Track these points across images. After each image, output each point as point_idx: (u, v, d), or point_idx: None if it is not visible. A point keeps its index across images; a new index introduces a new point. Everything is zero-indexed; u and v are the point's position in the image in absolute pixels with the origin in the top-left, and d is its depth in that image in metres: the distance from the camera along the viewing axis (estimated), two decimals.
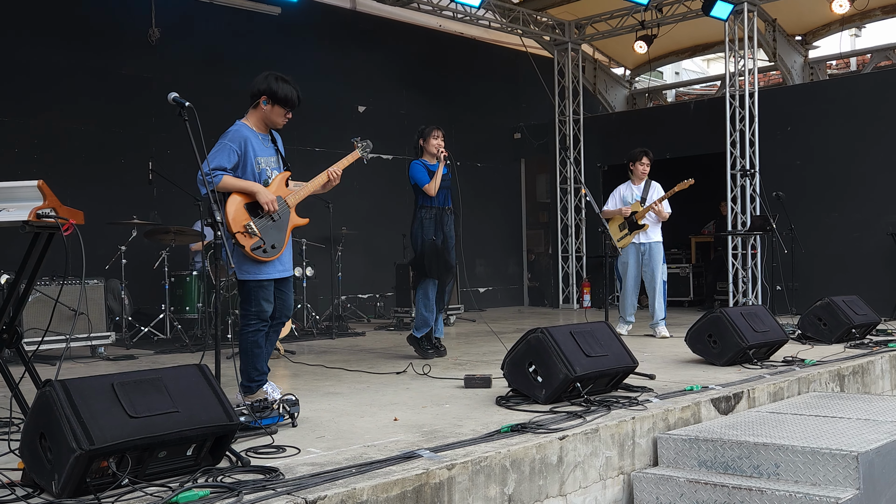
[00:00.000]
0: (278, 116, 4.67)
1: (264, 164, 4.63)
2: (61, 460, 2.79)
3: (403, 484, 3.07)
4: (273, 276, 4.58)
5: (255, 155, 4.57)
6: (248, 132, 4.62)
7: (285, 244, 4.64)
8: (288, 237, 4.67)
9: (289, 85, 4.65)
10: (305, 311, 9.27)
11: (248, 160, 4.55)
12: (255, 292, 4.53)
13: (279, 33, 10.65)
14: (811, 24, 12.88)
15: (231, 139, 4.53)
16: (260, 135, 4.68)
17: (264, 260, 4.51)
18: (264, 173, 4.64)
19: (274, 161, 4.73)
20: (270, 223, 4.56)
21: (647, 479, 4.13)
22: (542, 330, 4.62)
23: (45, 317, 6.60)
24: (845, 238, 10.51)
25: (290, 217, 4.71)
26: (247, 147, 4.54)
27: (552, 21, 13.14)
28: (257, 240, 4.46)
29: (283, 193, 4.68)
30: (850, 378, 6.01)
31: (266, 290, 4.55)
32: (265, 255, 4.50)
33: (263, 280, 4.54)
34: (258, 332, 4.57)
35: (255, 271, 4.52)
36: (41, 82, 8.81)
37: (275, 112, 4.65)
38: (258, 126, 4.69)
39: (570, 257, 13.28)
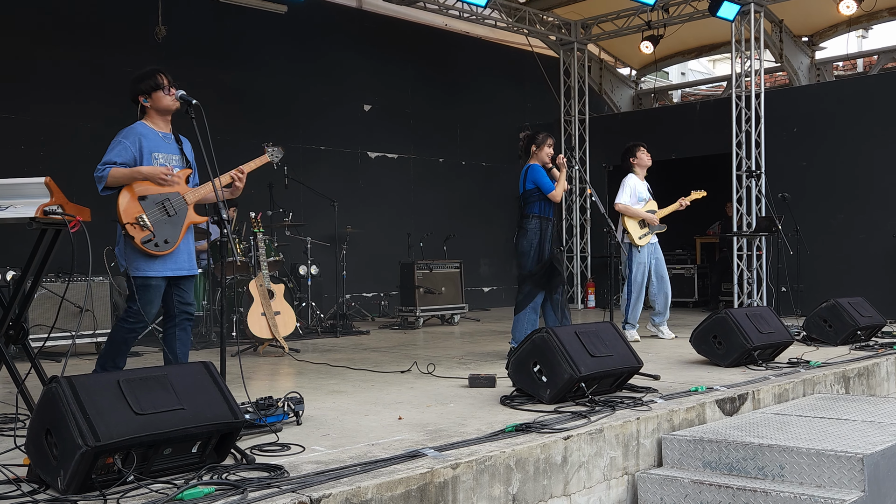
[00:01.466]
0: (164, 101, 4.57)
1: (163, 160, 4.56)
2: (67, 456, 2.79)
3: (408, 483, 3.07)
4: (164, 273, 4.47)
5: (150, 150, 4.51)
6: (145, 129, 4.57)
7: (179, 240, 4.52)
8: (184, 234, 4.56)
9: (148, 73, 4.59)
10: (310, 310, 9.28)
11: (143, 155, 4.49)
12: (140, 290, 4.42)
13: (285, 32, 10.67)
14: (818, 25, 12.85)
15: (124, 136, 4.49)
16: (160, 133, 4.62)
17: (155, 254, 4.40)
18: None
19: (177, 160, 4.64)
20: (165, 218, 4.45)
21: (652, 480, 4.12)
22: (546, 329, 4.62)
23: (51, 313, 6.61)
24: (851, 240, 10.49)
25: (187, 213, 4.58)
26: (141, 142, 4.49)
27: (558, 21, 13.14)
28: (148, 233, 4.34)
29: (182, 190, 4.58)
30: (856, 380, 6.00)
31: (152, 290, 4.44)
32: (157, 250, 4.39)
33: (151, 278, 4.42)
34: (132, 332, 4.50)
35: (146, 268, 4.41)
36: (48, 79, 8.83)
37: (157, 100, 4.56)
38: (157, 125, 4.63)
39: (575, 257, 13.27)
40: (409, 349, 7.61)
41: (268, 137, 10.48)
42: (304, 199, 10.16)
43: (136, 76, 4.62)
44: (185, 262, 4.59)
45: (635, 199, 7.99)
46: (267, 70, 10.54)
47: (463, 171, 13.15)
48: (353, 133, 11.52)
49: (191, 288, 4.68)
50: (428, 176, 12.57)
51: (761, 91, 11.05)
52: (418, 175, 12.47)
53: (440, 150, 12.78)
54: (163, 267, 4.45)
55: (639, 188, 8.08)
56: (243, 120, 10.07)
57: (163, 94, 4.55)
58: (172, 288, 4.56)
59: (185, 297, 4.61)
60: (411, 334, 9.16)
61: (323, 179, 10.34)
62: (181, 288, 4.60)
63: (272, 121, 10.57)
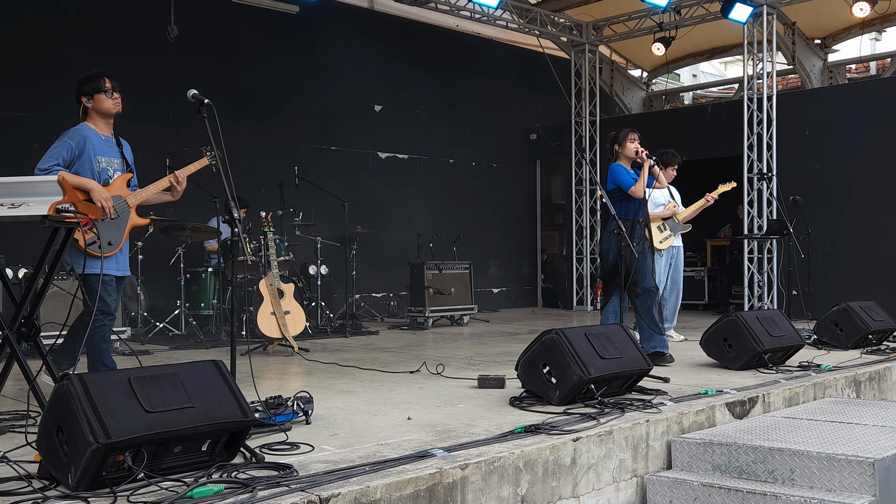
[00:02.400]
0: (105, 103, 4.67)
1: (105, 164, 4.67)
2: (78, 453, 2.81)
3: (417, 483, 3.07)
4: (112, 272, 4.64)
5: (94, 153, 4.61)
6: (89, 132, 4.66)
7: (123, 241, 4.68)
8: (126, 235, 4.71)
9: (93, 76, 4.68)
10: (319, 310, 9.29)
11: (86, 157, 4.58)
12: (95, 288, 4.53)
13: (297, 32, 10.69)
14: (831, 28, 12.80)
15: (70, 136, 4.58)
16: (103, 136, 4.72)
17: (97, 256, 4.48)
18: (105, 172, 4.68)
19: (118, 163, 4.76)
20: (108, 221, 4.57)
21: (661, 483, 4.11)
22: (556, 331, 4.61)
23: (62, 311, 6.64)
24: (863, 243, 10.44)
25: (129, 216, 4.72)
26: (86, 145, 4.58)
27: (570, 22, 13.12)
28: (92, 236, 4.36)
29: (124, 193, 4.71)
30: (867, 384, 5.97)
31: (108, 285, 4.60)
32: (100, 251, 4.49)
33: (106, 276, 4.58)
34: (104, 328, 4.62)
35: (96, 266, 4.53)
36: (60, 79, 8.85)
37: (98, 102, 4.66)
38: (99, 127, 4.72)
39: (585, 259, 13.25)
40: (419, 350, 7.61)
41: (278, 136, 10.58)
42: (314, 199, 10.18)
43: (81, 77, 4.71)
44: (124, 264, 4.78)
45: (652, 206, 7.89)
46: (278, 70, 10.57)
47: (473, 172, 13.15)
48: (363, 133, 11.53)
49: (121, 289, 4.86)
50: (438, 177, 12.58)
51: (773, 93, 11.01)
52: (428, 176, 12.48)
53: (450, 151, 12.79)
54: (111, 266, 4.63)
55: (655, 194, 7.97)
56: (254, 119, 10.10)
57: (105, 96, 4.65)
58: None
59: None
60: (420, 335, 9.16)
61: (333, 180, 10.36)
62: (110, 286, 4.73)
63: (283, 120, 10.61)
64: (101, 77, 4.66)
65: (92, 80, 4.66)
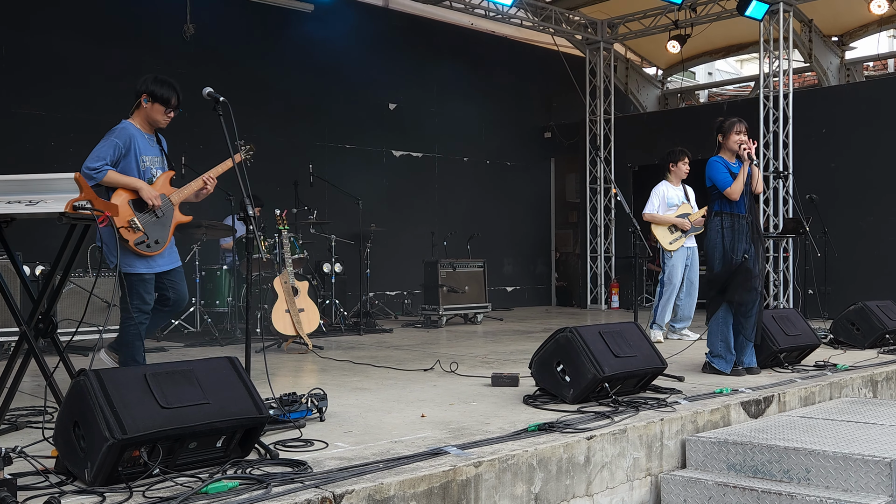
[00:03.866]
0: (158, 114, 4.76)
1: (149, 163, 4.76)
2: (94, 449, 2.83)
3: (430, 480, 3.07)
4: (154, 270, 4.70)
5: (139, 153, 4.70)
6: (134, 130, 4.74)
7: (168, 239, 4.77)
8: (171, 233, 4.80)
9: (168, 86, 4.76)
10: (333, 307, 9.32)
11: (132, 157, 4.67)
12: (136, 286, 4.65)
13: (312, 30, 10.71)
14: (848, 25, 12.69)
15: (117, 136, 4.65)
16: (146, 135, 4.80)
17: (147, 254, 4.63)
18: (149, 171, 4.76)
19: (159, 161, 4.85)
20: (154, 220, 4.69)
21: (675, 482, 4.10)
22: (570, 329, 4.60)
23: (79, 308, 6.70)
24: (880, 241, 10.36)
25: (173, 214, 4.81)
26: (131, 144, 4.66)
27: (584, 20, 13.09)
28: (140, 235, 4.58)
29: (168, 191, 4.79)
30: (884, 384, 5.93)
31: (147, 283, 4.68)
32: (148, 250, 4.63)
33: (145, 274, 4.66)
34: (141, 325, 4.69)
35: (138, 265, 4.64)
36: (77, 77, 8.93)
37: (154, 110, 4.74)
38: (143, 126, 4.81)
39: (599, 257, 13.22)
40: (432, 347, 7.62)
41: (293, 135, 10.61)
42: (328, 197, 10.20)
43: (156, 77, 4.77)
44: (172, 256, 4.84)
45: (665, 206, 7.89)
46: (293, 68, 10.60)
47: (487, 170, 13.14)
48: (378, 131, 11.55)
49: (182, 279, 4.90)
50: (452, 175, 12.58)
51: (790, 91, 10.95)
52: (443, 174, 12.49)
53: (465, 149, 12.78)
54: (154, 264, 4.69)
55: (669, 194, 7.94)
56: (270, 117, 10.14)
57: (162, 110, 4.74)
58: (164, 282, 4.79)
59: (178, 289, 4.86)
60: (434, 333, 9.17)
61: (348, 178, 10.38)
62: (173, 280, 4.83)
63: (297, 118, 10.64)
64: (172, 94, 4.75)
65: (163, 89, 4.72)
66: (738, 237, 5.61)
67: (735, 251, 5.59)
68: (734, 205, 5.66)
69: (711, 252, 5.70)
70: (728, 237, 5.61)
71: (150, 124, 4.82)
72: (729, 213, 5.66)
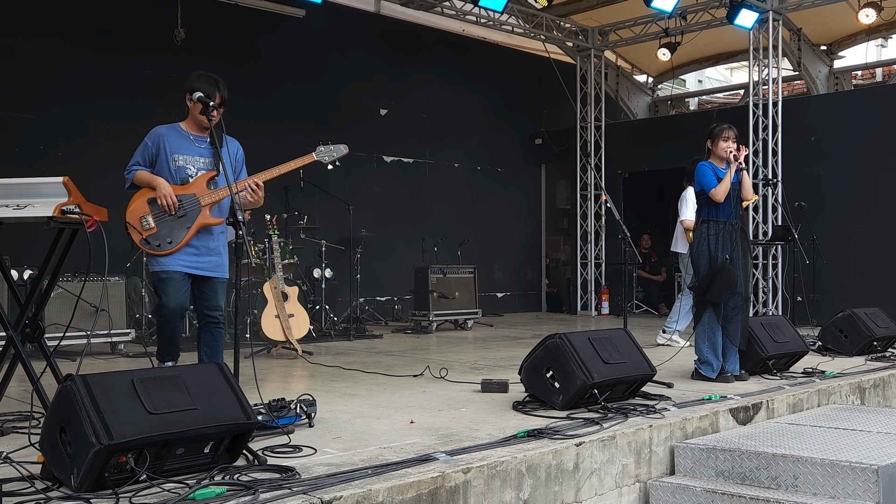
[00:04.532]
0: (198, 113, 4.63)
1: (184, 162, 4.63)
2: (81, 454, 2.81)
3: (419, 486, 3.07)
4: (174, 267, 4.54)
5: (170, 152, 4.60)
6: (167, 130, 4.66)
7: (185, 240, 4.56)
8: (191, 234, 4.57)
9: (209, 83, 4.59)
10: (323, 313, 9.30)
11: (162, 156, 4.60)
12: (157, 284, 4.62)
13: (303, 35, 10.72)
14: (837, 34, 12.77)
15: (148, 136, 4.63)
16: (191, 134, 4.69)
17: (156, 254, 4.52)
18: (182, 171, 4.62)
19: (204, 162, 4.68)
20: (172, 219, 4.54)
21: (664, 488, 4.10)
22: (560, 335, 4.60)
23: (66, 313, 6.66)
24: (868, 249, 10.41)
25: (199, 215, 4.60)
26: (161, 143, 4.60)
27: (575, 27, 13.13)
28: (151, 233, 4.49)
29: (199, 191, 4.62)
30: (871, 391, 5.95)
31: (167, 283, 4.55)
32: (157, 249, 4.50)
33: (162, 273, 4.54)
34: (166, 324, 4.62)
35: (155, 264, 4.57)
36: (67, 81, 8.91)
37: (196, 109, 4.61)
38: (191, 126, 4.70)
39: (589, 264, 13.24)
40: (422, 353, 7.61)
41: (284, 139, 10.60)
42: (319, 203, 10.19)
43: (200, 74, 4.65)
44: (201, 262, 4.62)
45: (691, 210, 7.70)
46: (284, 73, 10.59)
47: (478, 176, 13.15)
48: (369, 137, 11.54)
49: (216, 291, 4.71)
50: (443, 181, 12.59)
51: (779, 99, 11.01)
52: (433, 180, 12.49)
53: (456, 155, 12.80)
54: (174, 262, 4.53)
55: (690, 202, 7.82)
56: (260, 122, 10.12)
57: (200, 108, 4.56)
58: (197, 291, 4.67)
59: (209, 301, 4.69)
60: (424, 339, 9.16)
61: (338, 183, 10.36)
62: (203, 291, 4.68)
63: (288, 123, 10.62)
64: (215, 90, 4.59)
65: (204, 86, 4.57)
66: (725, 244, 5.59)
67: (717, 258, 5.57)
68: (721, 211, 5.63)
69: (697, 260, 5.69)
70: (714, 244, 5.59)
71: (198, 124, 4.67)
72: (716, 219, 5.65)
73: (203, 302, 4.70)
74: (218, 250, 4.71)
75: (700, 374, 5.69)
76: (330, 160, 5.22)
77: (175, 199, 4.50)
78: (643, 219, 13.47)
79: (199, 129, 4.69)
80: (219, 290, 4.74)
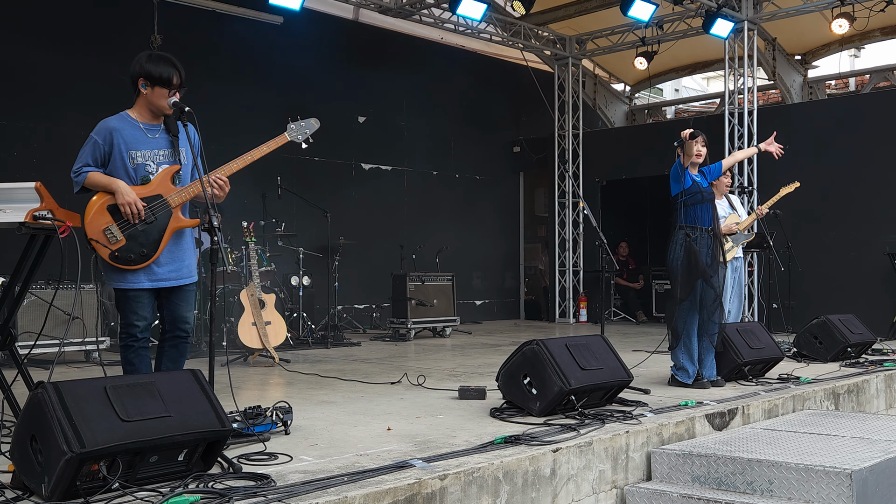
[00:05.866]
0: (161, 99, 4.03)
1: (142, 159, 4.03)
2: (52, 463, 2.77)
3: (395, 493, 3.05)
4: (143, 285, 4.00)
5: (126, 148, 4.00)
6: (118, 123, 4.05)
7: (161, 249, 4.02)
8: (166, 241, 4.04)
9: (166, 63, 4.04)
10: (301, 321, 9.25)
11: (117, 154, 4.00)
12: (122, 302, 4.02)
13: (281, 42, 10.68)
14: (811, 44, 12.93)
15: (96, 132, 4.02)
16: (143, 125, 4.07)
17: (130, 268, 3.97)
18: (143, 168, 4.03)
19: (164, 154, 4.10)
20: (141, 226, 3.97)
21: (641, 494, 4.11)
22: (537, 342, 4.61)
23: (39, 320, 6.57)
24: (842, 257, 10.52)
25: (170, 218, 4.04)
26: (114, 139, 3.99)
27: (553, 36, 13.19)
28: (119, 245, 3.92)
29: (166, 191, 4.04)
30: (845, 396, 6.00)
31: (135, 301, 4.00)
32: (131, 264, 3.95)
33: (130, 290, 3.99)
34: (128, 349, 4.06)
35: (119, 279, 3.99)
36: (42, 86, 8.82)
37: (156, 94, 4.03)
38: (144, 116, 4.09)
39: (568, 271, 13.28)
40: (400, 361, 7.59)
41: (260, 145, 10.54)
42: (296, 210, 10.15)
43: (150, 54, 4.09)
44: (175, 272, 4.10)
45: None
46: (262, 80, 10.54)
47: (456, 183, 13.16)
48: (347, 144, 11.52)
49: (186, 301, 4.19)
50: (421, 188, 12.58)
51: (754, 108, 11.12)
52: (412, 187, 12.49)
53: (434, 163, 12.80)
54: (142, 278, 4.01)
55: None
56: (237, 129, 10.06)
57: (168, 93, 4.03)
58: (163, 301, 4.14)
59: (177, 312, 4.17)
60: (402, 346, 9.14)
61: (316, 190, 10.35)
62: (172, 301, 4.14)
63: (266, 130, 10.52)
64: (172, 71, 4.02)
65: (160, 67, 4.00)
66: (700, 249, 5.60)
67: (695, 266, 5.57)
68: (694, 217, 5.64)
69: (674, 265, 5.67)
70: (690, 249, 5.59)
71: (154, 112, 4.09)
72: (690, 226, 5.64)
73: (171, 313, 4.15)
74: (189, 252, 4.20)
75: (676, 381, 5.72)
76: (303, 138, 4.67)
77: (141, 206, 3.93)
78: (621, 227, 13.54)
79: (152, 116, 4.10)
80: (190, 300, 4.23)
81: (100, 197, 3.97)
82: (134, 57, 4.16)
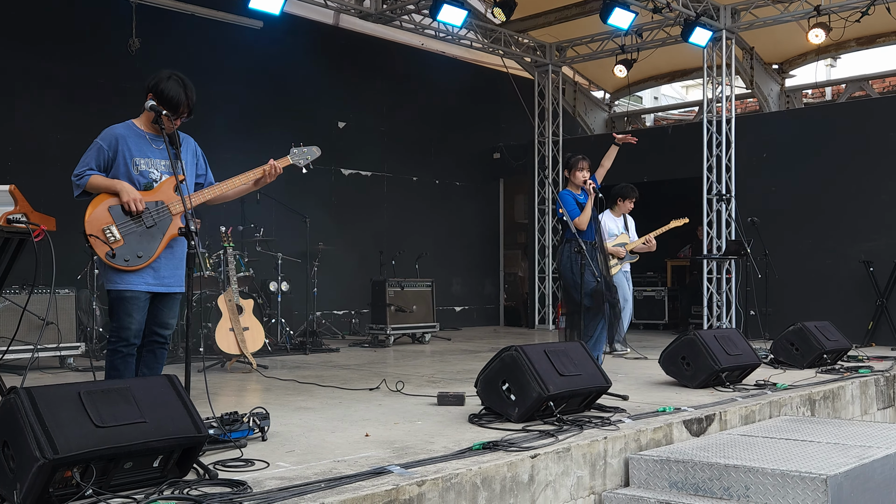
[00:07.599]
0: (153, 121, 4.17)
1: (146, 167, 4.17)
2: (24, 469, 2.73)
3: (373, 499, 3.04)
4: (139, 287, 4.08)
5: (130, 155, 4.14)
6: (125, 131, 4.19)
7: (157, 254, 4.11)
8: (163, 247, 4.13)
9: (179, 87, 4.22)
10: (279, 326, 9.20)
11: (121, 160, 4.13)
12: (116, 305, 4.08)
13: (261, 47, 10.65)
14: (788, 54, 13.07)
15: (101, 138, 4.15)
16: (148, 134, 4.23)
17: (124, 269, 4.04)
18: (146, 175, 4.17)
19: (165, 164, 4.21)
20: (141, 229, 4.06)
21: (618, 500, 4.12)
22: (516, 348, 4.61)
23: (12, 325, 6.50)
24: (818, 264, 10.61)
25: (170, 225, 4.15)
26: (119, 146, 4.13)
27: (533, 43, 13.25)
28: (118, 245, 3.99)
29: (168, 199, 4.16)
30: (821, 403, 6.05)
31: (130, 303, 4.06)
32: (125, 265, 4.02)
33: (126, 292, 4.05)
34: (116, 354, 4.10)
35: (118, 281, 4.05)
36: (18, 89, 8.74)
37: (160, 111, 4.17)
38: (147, 125, 4.25)
39: (547, 278, 13.31)
40: (379, 367, 7.57)
41: (240, 151, 10.50)
42: (275, 215, 10.11)
43: (171, 74, 4.28)
44: (168, 279, 4.19)
45: (606, 236, 8.15)
46: (241, 84, 10.50)
47: (436, 189, 13.17)
48: (326, 149, 11.35)
49: (172, 308, 4.28)
50: (401, 194, 12.57)
51: (732, 116, 11.21)
52: (391, 193, 12.47)
53: (414, 169, 12.80)
54: (138, 280, 4.08)
55: (609, 225, 8.38)
56: (216, 133, 10.01)
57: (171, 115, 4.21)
58: (151, 306, 4.20)
59: (162, 319, 4.25)
60: (381, 352, 9.11)
61: (295, 195, 10.30)
62: (159, 307, 4.22)
63: (245, 135, 10.52)
64: (183, 96, 4.21)
65: (172, 91, 4.20)
66: (587, 261, 6.34)
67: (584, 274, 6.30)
68: (583, 232, 6.50)
69: (566, 274, 6.50)
70: (577, 261, 6.34)
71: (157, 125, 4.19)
72: (578, 239, 6.43)
73: (156, 318, 4.22)
74: (182, 261, 4.25)
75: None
76: (304, 164, 4.90)
77: (142, 205, 4.05)
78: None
79: (157, 129, 4.22)
80: (175, 308, 4.32)
81: (101, 197, 4.08)
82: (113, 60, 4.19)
